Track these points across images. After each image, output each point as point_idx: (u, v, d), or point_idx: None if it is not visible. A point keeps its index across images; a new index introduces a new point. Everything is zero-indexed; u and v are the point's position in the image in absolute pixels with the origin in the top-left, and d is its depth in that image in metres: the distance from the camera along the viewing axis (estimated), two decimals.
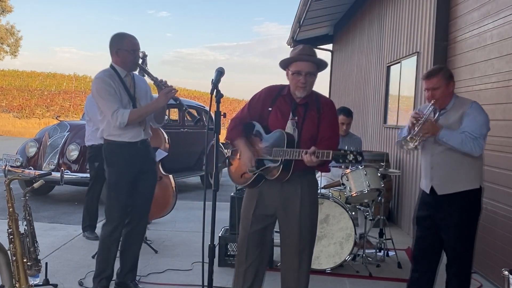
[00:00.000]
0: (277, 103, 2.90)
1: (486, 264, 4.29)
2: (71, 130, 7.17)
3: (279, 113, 2.88)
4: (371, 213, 4.67)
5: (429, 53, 5.63)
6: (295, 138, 2.81)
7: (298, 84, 2.81)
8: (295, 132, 2.84)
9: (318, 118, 2.87)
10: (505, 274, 2.56)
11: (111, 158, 3.42)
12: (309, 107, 2.89)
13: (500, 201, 4.10)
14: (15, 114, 30.11)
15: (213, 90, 2.34)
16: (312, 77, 2.83)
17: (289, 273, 2.93)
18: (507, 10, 4.13)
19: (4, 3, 33.00)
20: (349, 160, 2.54)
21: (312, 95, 2.92)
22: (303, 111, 2.88)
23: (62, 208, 6.78)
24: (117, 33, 3.48)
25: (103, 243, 3.46)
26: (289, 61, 2.85)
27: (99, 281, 3.45)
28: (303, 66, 2.79)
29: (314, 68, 2.83)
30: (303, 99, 2.87)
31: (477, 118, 3.02)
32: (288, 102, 2.89)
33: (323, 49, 14.33)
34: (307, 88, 2.84)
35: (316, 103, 2.90)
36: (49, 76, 39.88)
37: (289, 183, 2.83)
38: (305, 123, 2.86)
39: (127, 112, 3.28)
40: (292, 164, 2.74)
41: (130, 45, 3.41)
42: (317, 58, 2.85)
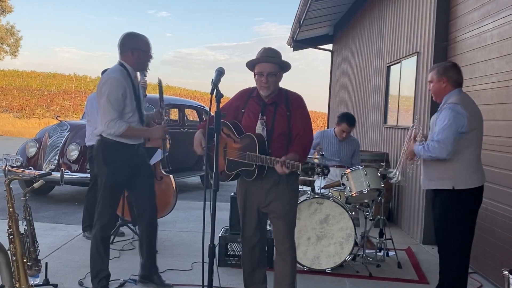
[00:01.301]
0: (248, 104, 3.13)
1: (486, 264, 4.29)
2: (71, 130, 7.17)
3: (250, 114, 3.10)
4: (371, 213, 4.67)
5: (429, 53, 5.63)
6: (265, 138, 3.02)
7: (261, 84, 3.03)
8: (264, 131, 3.04)
9: (288, 115, 3.06)
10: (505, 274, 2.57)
11: (109, 158, 3.40)
12: (278, 105, 3.09)
13: (500, 201, 4.10)
14: (15, 114, 30.10)
15: (213, 90, 2.35)
16: (273, 77, 3.02)
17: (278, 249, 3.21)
18: (507, 10, 4.13)
19: (4, 3, 32.98)
20: (317, 173, 2.77)
21: (281, 93, 3.12)
22: (273, 110, 3.08)
23: (62, 208, 6.78)
24: (131, 32, 3.49)
25: (93, 243, 3.50)
26: (252, 63, 3.07)
27: (98, 281, 3.46)
28: (264, 67, 3.01)
29: (275, 69, 3.02)
30: (271, 98, 3.08)
31: (440, 121, 3.16)
32: (258, 102, 3.11)
33: (323, 49, 14.33)
34: (271, 88, 3.03)
35: (285, 101, 3.09)
36: (49, 76, 39.88)
37: (268, 179, 3.06)
38: (275, 121, 3.05)
39: (124, 126, 3.31)
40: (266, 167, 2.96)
41: (146, 46, 3.45)
42: (276, 59, 3.03)
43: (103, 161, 3.41)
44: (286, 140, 3.08)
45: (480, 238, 4.43)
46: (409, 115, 6.30)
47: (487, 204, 4.32)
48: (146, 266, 3.71)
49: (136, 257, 3.97)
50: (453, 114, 3.11)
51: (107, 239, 3.55)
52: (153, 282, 3.69)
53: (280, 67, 3.07)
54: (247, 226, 3.24)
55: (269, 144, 3.02)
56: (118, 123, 3.29)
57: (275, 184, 3.08)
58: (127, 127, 3.32)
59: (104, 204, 3.45)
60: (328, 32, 13.55)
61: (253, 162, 2.96)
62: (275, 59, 3.04)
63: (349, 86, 10.91)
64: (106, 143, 3.39)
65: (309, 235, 4.26)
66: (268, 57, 3.03)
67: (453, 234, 3.26)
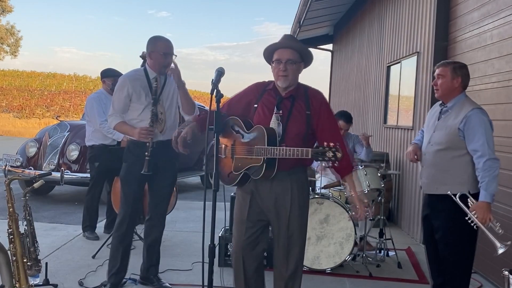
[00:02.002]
0: (263, 99, 2.78)
1: (486, 264, 4.29)
2: (71, 130, 7.17)
3: (265, 108, 2.75)
4: (371, 213, 4.67)
5: (429, 53, 5.63)
6: (278, 133, 2.67)
7: (278, 73, 2.70)
8: (279, 126, 2.69)
9: (308, 115, 2.72)
10: (505, 274, 2.57)
11: (126, 154, 3.58)
12: (296, 100, 2.74)
13: (500, 201, 4.09)
14: (15, 114, 30.11)
15: (213, 90, 2.33)
16: (293, 65, 2.69)
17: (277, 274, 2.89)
18: (507, 10, 4.13)
19: (4, 3, 32.99)
20: (328, 158, 2.45)
21: (300, 88, 2.78)
22: (290, 104, 2.73)
23: (62, 208, 6.78)
24: (154, 36, 3.56)
25: (112, 239, 3.63)
26: (270, 50, 2.75)
27: (109, 277, 3.56)
28: (282, 54, 2.69)
29: (295, 56, 2.70)
30: (289, 91, 2.75)
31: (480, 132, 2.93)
32: (274, 96, 2.76)
33: (323, 49, 14.33)
34: (289, 78, 2.70)
35: (305, 96, 2.75)
36: (49, 76, 39.86)
37: (279, 183, 2.74)
38: (291, 117, 2.71)
39: (116, 121, 3.52)
40: (276, 161, 2.63)
41: (163, 48, 3.47)
42: (297, 44, 2.73)
43: (123, 158, 3.60)
44: (303, 143, 2.67)
45: (480, 238, 4.42)
46: (409, 115, 6.29)
47: None
48: (146, 266, 3.72)
49: (136, 257, 3.97)
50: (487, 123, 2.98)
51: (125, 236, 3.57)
52: (152, 283, 3.70)
53: (301, 57, 2.74)
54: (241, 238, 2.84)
55: (283, 143, 2.65)
56: (112, 117, 3.53)
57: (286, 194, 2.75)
58: (119, 122, 3.51)
59: (120, 199, 3.58)
60: (328, 32, 13.55)
61: (261, 156, 2.61)
62: (296, 44, 2.74)
63: (349, 86, 10.91)
64: (127, 143, 3.65)
65: (309, 235, 4.24)
66: (288, 41, 2.73)
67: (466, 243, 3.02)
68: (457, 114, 3.02)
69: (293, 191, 2.75)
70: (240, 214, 2.83)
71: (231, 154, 2.79)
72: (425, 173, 3.16)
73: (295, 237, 2.79)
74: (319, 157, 2.45)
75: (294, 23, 11.60)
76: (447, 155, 3.02)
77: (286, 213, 2.75)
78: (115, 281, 3.54)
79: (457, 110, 3.04)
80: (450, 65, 3.11)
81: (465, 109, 3.00)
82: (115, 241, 3.56)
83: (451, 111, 3.07)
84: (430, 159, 3.12)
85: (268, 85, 2.81)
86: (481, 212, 2.89)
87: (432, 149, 3.10)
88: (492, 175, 2.95)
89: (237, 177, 2.75)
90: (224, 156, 2.83)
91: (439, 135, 3.08)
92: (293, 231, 2.77)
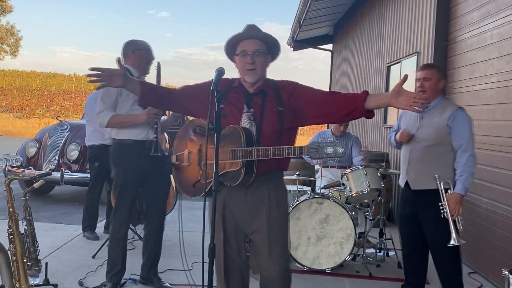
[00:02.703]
0: (229, 98, 2.47)
1: (486, 264, 4.29)
2: (71, 130, 7.17)
3: (232, 108, 2.46)
4: (371, 213, 4.67)
5: (429, 53, 5.63)
6: (254, 133, 2.38)
7: (245, 66, 2.41)
8: (252, 126, 2.42)
9: (280, 111, 2.43)
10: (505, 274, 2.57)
11: (117, 158, 3.50)
12: (267, 95, 2.46)
13: (500, 201, 4.10)
14: (15, 114, 30.11)
15: (213, 90, 2.32)
16: (261, 57, 2.42)
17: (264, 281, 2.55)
18: (507, 10, 4.13)
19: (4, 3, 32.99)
20: (327, 154, 2.22)
21: (268, 83, 2.51)
22: (260, 101, 2.45)
23: (62, 208, 6.78)
24: (129, 40, 3.65)
25: (110, 241, 3.60)
26: (233, 43, 2.45)
27: (110, 277, 3.56)
28: (249, 45, 2.41)
29: (262, 47, 2.42)
30: (257, 87, 2.47)
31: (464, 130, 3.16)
32: (241, 93, 2.48)
33: (323, 49, 14.34)
34: (258, 71, 2.42)
35: (275, 91, 2.47)
36: (49, 76, 39.87)
37: (255, 190, 2.45)
38: (264, 115, 2.43)
39: (108, 115, 3.40)
40: (255, 165, 2.35)
41: (144, 45, 3.57)
42: (263, 33, 2.44)
43: (113, 162, 3.54)
44: (278, 141, 2.42)
45: (480, 238, 4.43)
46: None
47: (487, 204, 4.32)
48: (146, 267, 3.73)
49: (136, 257, 3.98)
50: (471, 122, 3.21)
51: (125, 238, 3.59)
52: (152, 283, 3.70)
53: (268, 48, 2.46)
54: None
55: (258, 143, 2.37)
56: (103, 113, 3.42)
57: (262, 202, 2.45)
58: (112, 115, 3.41)
59: (117, 203, 3.54)
60: (328, 32, 13.55)
61: (239, 159, 2.31)
62: (263, 34, 2.44)
63: (349, 86, 10.91)
64: (114, 145, 3.54)
65: (309, 235, 4.26)
66: (253, 31, 2.44)
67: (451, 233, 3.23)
68: (442, 112, 3.21)
69: (271, 199, 2.47)
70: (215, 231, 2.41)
71: (197, 161, 2.49)
72: (412, 169, 3.30)
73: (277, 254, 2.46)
74: (317, 154, 2.22)
75: (294, 23, 11.60)
76: (436, 151, 3.20)
77: (264, 227, 2.45)
78: (116, 280, 3.55)
79: (441, 109, 3.23)
80: (434, 68, 3.31)
81: (450, 108, 3.22)
82: (115, 243, 3.53)
83: (434, 110, 3.24)
84: (418, 155, 3.26)
85: (232, 83, 2.52)
86: (453, 202, 3.09)
87: (420, 145, 3.26)
88: (471, 171, 3.13)
89: (206, 186, 2.40)
90: (187, 164, 2.54)
91: (427, 132, 3.23)
92: (274, 247, 2.45)
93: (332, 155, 2.22)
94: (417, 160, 3.26)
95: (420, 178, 3.27)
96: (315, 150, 2.24)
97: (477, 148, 4.51)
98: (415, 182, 3.29)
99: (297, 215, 4.27)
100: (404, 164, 3.38)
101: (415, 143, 3.27)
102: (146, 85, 2.52)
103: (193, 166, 2.51)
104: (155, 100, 2.53)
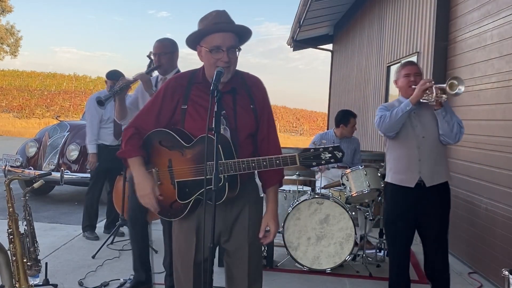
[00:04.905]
0: (192, 96, 2.11)
1: (486, 264, 4.29)
2: (71, 130, 7.17)
3: (199, 108, 2.10)
4: (371, 213, 4.67)
5: (429, 53, 5.63)
6: (230, 141, 2.05)
7: (218, 63, 2.05)
8: (226, 131, 2.08)
9: (253, 109, 2.15)
10: (505, 274, 2.57)
11: None
12: (238, 93, 2.14)
13: (500, 201, 4.10)
14: (15, 114, 30.13)
15: (213, 90, 2.29)
16: (235, 54, 2.09)
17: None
18: (507, 10, 4.13)
19: (4, 3, 32.99)
20: (325, 159, 1.97)
21: (237, 77, 2.17)
22: (231, 100, 2.12)
23: (62, 208, 6.78)
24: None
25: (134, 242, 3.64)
26: (202, 34, 2.08)
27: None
28: (223, 39, 2.05)
29: (236, 41, 2.09)
30: (227, 84, 2.12)
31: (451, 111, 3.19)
32: (206, 90, 2.08)
33: (323, 49, 14.34)
34: (231, 69, 2.10)
35: (245, 86, 2.17)
36: (49, 76, 39.89)
37: (233, 202, 2.14)
38: (238, 117, 2.11)
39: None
40: (238, 177, 2.06)
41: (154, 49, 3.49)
42: (238, 25, 2.11)
43: None
44: (254, 145, 2.18)
45: (480, 238, 4.43)
46: None
47: (487, 204, 4.32)
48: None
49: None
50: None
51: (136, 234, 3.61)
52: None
53: (239, 40, 2.12)
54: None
55: (236, 151, 2.05)
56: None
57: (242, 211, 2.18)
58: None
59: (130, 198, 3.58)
60: (328, 32, 13.56)
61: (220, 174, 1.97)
62: (238, 26, 2.11)
63: (349, 86, 10.91)
64: None
65: (309, 235, 4.26)
66: (229, 24, 2.09)
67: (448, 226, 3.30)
68: (427, 106, 3.18)
69: (251, 206, 2.20)
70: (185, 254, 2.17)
71: (170, 179, 2.11)
72: (425, 166, 3.16)
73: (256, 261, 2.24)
74: (313, 161, 1.97)
75: (294, 23, 11.61)
76: (441, 145, 3.21)
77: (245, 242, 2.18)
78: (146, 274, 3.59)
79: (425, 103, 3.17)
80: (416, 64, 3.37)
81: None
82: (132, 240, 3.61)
83: (421, 105, 3.18)
84: (428, 151, 3.18)
85: (193, 77, 2.16)
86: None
87: (427, 140, 3.18)
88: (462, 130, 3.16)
89: (185, 206, 2.09)
90: (159, 183, 2.14)
91: (429, 126, 3.19)
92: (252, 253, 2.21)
93: (331, 161, 1.98)
94: (427, 157, 3.16)
95: (434, 174, 3.16)
96: (310, 158, 1.98)
97: (477, 148, 4.53)
98: (430, 179, 3.16)
99: (297, 215, 4.27)
100: (411, 162, 3.17)
101: (421, 139, 3.16)
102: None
103: (166, 185, 2.13)
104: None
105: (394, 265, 3.37)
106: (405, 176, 3.20)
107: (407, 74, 3.26)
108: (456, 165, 4.92)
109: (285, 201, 4.59)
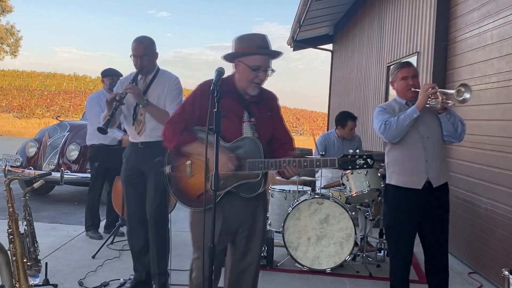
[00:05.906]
0: (223, 103, 2.32)
1: (486, 264, 4.29)
2: (71, 130, 7.17)
3: (232, 114, 2.42)
4: (371, 213, 4.67)
5: (429, 53, 5.63)
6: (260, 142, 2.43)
7: (255, 80, 2.44)
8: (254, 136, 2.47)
9: (269, 116, 2.56)
10: (505, 274, 2.58)
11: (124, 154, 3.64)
12: (260, 104, 2.54)
13: (500, 201, 4.10)
14: (15, 114, 30.13)
15: (214, 90, 2.31)
16: (267, 73, 2.49)
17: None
18: (507, 10, 4.13)
19: (4, 3, 32.98)
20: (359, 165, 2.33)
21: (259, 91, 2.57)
22: (257, 109, 2.52)
23: (62, 208, 6.78)
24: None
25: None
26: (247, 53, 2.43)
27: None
28: (264, 61, 2.44)
29: (271, 63, 2.50)
30: (254, 96, 2.51)
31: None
32: (237, 99, 2.48)
33: (323, 49, 14.34)
34: (262, 84, 2.52)
35: (263, 98, 2.57)
36: (49, 76, 39.90)
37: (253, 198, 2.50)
38: (263, 124, 2.52)
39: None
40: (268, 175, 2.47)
41: (132, 50, 3.45)
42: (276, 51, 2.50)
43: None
44: (271, 148, 2.56)
45: (480, 238, 4.43)
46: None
47: (487, 204, 4.32)
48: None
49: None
50: None
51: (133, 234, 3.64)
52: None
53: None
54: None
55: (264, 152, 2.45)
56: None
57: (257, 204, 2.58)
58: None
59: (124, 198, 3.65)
60: (328, 32, 13.56)
61: (259, 170, 2.36)
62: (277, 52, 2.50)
63: (349, 86, 10.91)
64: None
65: (309, 235, 4.26)
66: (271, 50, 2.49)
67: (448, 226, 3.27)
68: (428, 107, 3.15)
69: (264, 204, 2.65)
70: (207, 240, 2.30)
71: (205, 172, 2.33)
72: (432, 167, 3.10)
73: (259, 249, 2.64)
74: (349, 166, 2.35)
75: (294, 23, 11.61)
76: (443, 144, 3.19)
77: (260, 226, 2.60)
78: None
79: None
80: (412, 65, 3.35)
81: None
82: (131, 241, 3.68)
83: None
84: (434, 151, 3.12)
85: (225, 85, 2.42)
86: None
87: (432, 141, 3.11)
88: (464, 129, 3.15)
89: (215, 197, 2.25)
90: (191, 175, 2.46)
91: (432, 127, 3.14)
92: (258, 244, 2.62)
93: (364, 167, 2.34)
94: (433, 157, 3.10)
95: (441, 173, 3.14)
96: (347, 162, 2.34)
97: (477, 148, 4.53)
98: (437, 179, 3.10)
99: (297, 215, 4.27)
100: (418, 164, 3.09)
101: (426, 139, 3.10)
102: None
103: (197, 177, 2.43)
104: None
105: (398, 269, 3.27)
106: (412, 178, 3.10)
107: (405, 77, 3.22)
108: (456, 165, 4.92)
109: (285, 201, 4.58)
